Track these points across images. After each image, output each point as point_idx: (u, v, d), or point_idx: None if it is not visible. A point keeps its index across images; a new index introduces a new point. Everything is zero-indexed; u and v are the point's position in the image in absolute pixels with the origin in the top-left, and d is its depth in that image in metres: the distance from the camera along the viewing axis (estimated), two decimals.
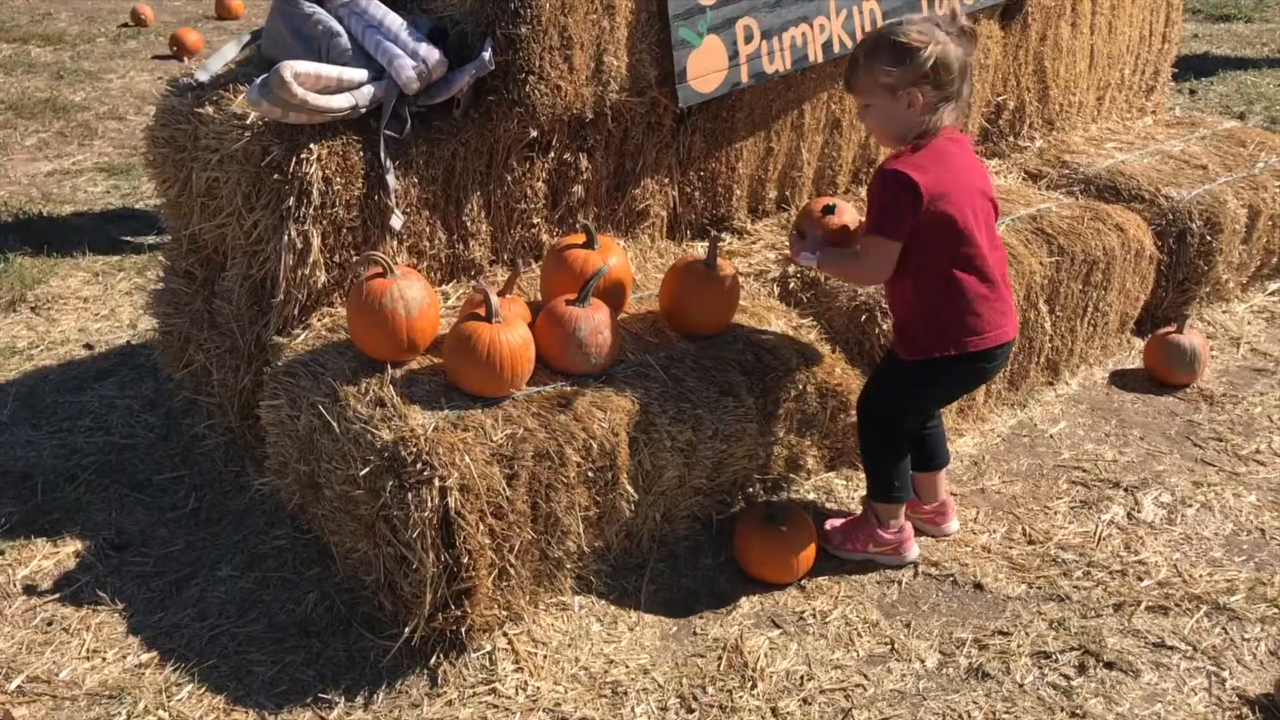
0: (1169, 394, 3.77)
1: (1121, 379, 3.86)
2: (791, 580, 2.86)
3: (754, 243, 3.56)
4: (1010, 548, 3.03)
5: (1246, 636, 2.73)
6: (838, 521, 3.00)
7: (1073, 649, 2.68)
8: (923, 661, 2.65)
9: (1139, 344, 3.99)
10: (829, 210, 2.85)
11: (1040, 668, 2.63)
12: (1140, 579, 2.91)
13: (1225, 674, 2.62)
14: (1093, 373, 3.88)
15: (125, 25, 8.33)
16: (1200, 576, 2.92)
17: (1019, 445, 3.49)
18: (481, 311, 2.62)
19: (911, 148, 2.63)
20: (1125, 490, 3.27)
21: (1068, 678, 2.61)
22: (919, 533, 3.03)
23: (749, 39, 3.27)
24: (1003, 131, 4.37)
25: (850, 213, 2.90)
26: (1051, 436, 3.53)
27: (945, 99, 2.61)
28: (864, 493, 3.08)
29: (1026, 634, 2.73)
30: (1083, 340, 3.81)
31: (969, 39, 2.65)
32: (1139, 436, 3.54)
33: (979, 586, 2.89)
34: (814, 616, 2.77)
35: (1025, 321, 3.53)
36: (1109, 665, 2.64)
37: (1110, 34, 4.53)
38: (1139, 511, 3.18)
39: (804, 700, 2.53)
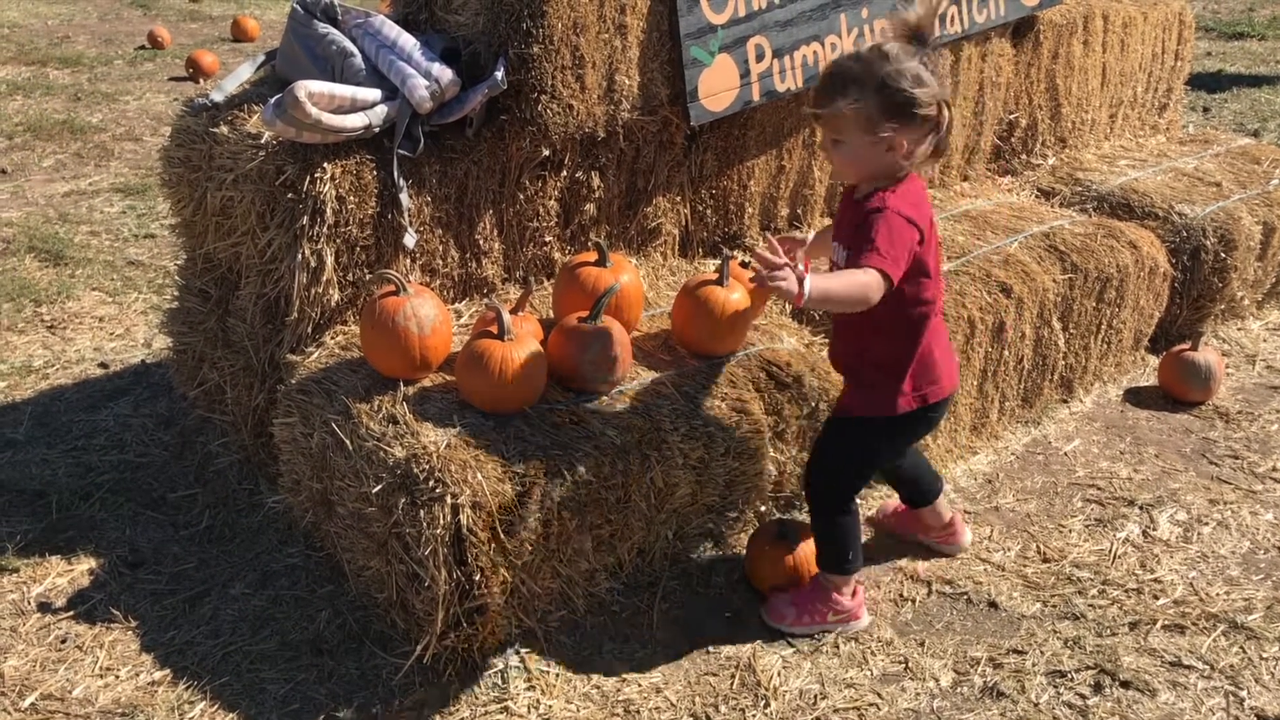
0: (1184, 411, 3.75)
1: (1136, 396, 3.84)
2: None
3: None
4: (1025, 566, 3.01)
5: (1265, 656, 2.71)
6: (783, 596, 2.77)
7: (1088, 668, 2.66)
8: (937, 680, 2.64)
9: (1153, 361, 3.98)
10: (744, 265, 2.80)
11: (1055, 687, 2.61)
12: (1156, 597, 2.89)
13: (1243, 693, 2.60)
14: (1107, 390, 3.87)
15: (142, 48, 8.40)
16: (1217, 595, 2.90)
17: (1033, 463, 3.47)
18: (494, 329, 2.63)
19: (888, 185, 2.37)
20: (1140, 508, 3.25)
21: (1083, 697, 2.59)
22: (934, 553, 3.01)
23: (760, 58, 3.28)
24: (1015, 149, 4.37)
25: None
26: (1066, 454, 3.51)
27: (936, 143, 2.35)
28: (870, 511, 3.09)
29: (1041, 653, 2.71)
30: (1097, 357, 3.80)
31: (937, 56, 2.32)
32: (1154, 454, 3.52)
33: (993, 605, 2.87)
34: (827, 635, 2.76)
35: (1039, 339, 3.53)
36: (1125, 684, 2.62)
37: (1122, 52, 4.53)
38: (1154, 529, 3.16)
39: (817, 719, 2.52)
